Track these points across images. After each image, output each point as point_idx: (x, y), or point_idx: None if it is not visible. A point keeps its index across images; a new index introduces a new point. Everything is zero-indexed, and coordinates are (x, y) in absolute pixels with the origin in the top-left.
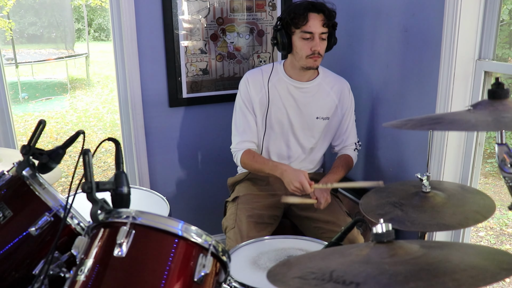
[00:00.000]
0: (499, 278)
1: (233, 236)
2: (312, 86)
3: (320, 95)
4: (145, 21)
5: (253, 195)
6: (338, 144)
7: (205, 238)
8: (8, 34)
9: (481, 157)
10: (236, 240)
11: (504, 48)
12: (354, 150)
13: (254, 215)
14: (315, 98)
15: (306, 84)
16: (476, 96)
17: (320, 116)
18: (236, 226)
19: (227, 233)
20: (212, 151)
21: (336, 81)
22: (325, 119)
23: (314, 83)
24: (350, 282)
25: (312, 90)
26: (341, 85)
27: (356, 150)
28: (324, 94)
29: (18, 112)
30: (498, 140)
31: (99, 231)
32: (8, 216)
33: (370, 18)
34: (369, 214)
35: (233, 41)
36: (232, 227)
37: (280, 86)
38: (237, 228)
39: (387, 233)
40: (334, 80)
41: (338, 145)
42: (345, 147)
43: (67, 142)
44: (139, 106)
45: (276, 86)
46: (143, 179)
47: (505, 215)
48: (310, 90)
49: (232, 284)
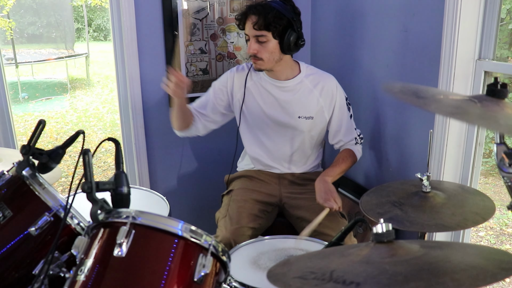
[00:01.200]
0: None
1: (223, 224)
2: (292, 85)
3: (301, 94)
4: (145, 21)
5: (247, 190)
6: (337, 142)
7: (205, 238)
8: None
9: (481, 157)
10: (226, 227)
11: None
12: (355, 144)
13: (246, 206)
14: (296, 97)
15: (285, 82)
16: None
17: (302, 115)
18: (228, 215)
19: (218, 222)
20: (212, 151)
21: (320, 79)
22: (308, 118)
23: (294, 82)
24: (350, 282)
25: (293, 89)
26: (325, 82)
27: (358, 144)
28: (306, 92)
29: (18, 112)
30: (496, 140)
31: (99, 231)
32: (8, 216)
33: (370, 18)
34: (369, 213)
35: (233, 41)
36: (224, 216)
37: (260, 85)
38: (228, 217)
39: (387, 233)
40: (318, 78)
41: (338, 143)
42: (345, 144)
43: (67, 142)
44: (139, 106)
45: (257, 85)
46: (143, 179)
47: (505, 215)
48: (291, 88)
49: (232, 284)
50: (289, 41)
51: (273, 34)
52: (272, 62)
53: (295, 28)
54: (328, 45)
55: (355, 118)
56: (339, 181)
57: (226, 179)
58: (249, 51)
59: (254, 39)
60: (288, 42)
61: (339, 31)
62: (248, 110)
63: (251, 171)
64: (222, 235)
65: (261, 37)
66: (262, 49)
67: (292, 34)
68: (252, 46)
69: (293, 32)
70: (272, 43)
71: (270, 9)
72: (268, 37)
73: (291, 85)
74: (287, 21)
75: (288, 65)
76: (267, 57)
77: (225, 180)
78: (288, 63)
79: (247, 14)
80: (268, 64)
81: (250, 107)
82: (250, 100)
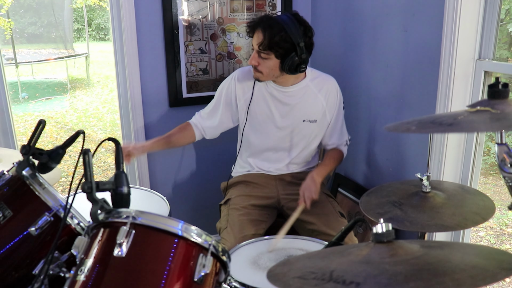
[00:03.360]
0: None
1: (227, 235)
2: (297, 90)
3: (307, 98)
4: (145, 21)
5: (245, 196)
6: (332, 143)
7: (205, 238)
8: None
9: (481, 156)
10: (230, 239)
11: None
12: (345, 145)
13: (246, 213)
14: (301, 101)
15: (290, 88)
16: (476, 96)
17: (307, 119)
18: (229, 225)
19: (221, 234)
20: (212, 151)
21: (324, 83)
22: (312, 122)
23: (299, 86)
24: (350, 282)
25: (298, 94)
26: (329, 86)
27: (346, 145)
28: (311, 97)
29: (18, 112)
30: (497, 140)
31: (99, 231)
32: (8, 216)
33: (370, 18)
34: (368, 213)
35: (233, 41)
36: (225, 227)
37: (266, 88)
38: (229, 228)
39: (387, 233)
40: (322, 82)
41: (332, 144)
42: (337, 146)
43: (67, 142)
44: (139, 106)
45: (263, 88)
46: (143, 179)
47: (505, 215)
48: (296, 93)
49: (232, 284)
50: (288, 65)
51: (275, 54)
52: (271, 77)
53: (298, 53)
54: (328, 45)
55: (355, 118)
56: (339, 181)
57: (222, 186)
58: (250, 62)
59: (257, 53)
60: (287, 65)
61: (339, 31)
62: (254, 111)
63: (247, 175)
64: (228, 247)
65: (264, 53)
66: (262, 64)
67: (293, 59)
68: (254, 58)
69: (295, 57)
70: (273, 61)
71: (278, 31)
72: (271, 56)
73: (296, 90)
74: (291, 45)
75: (291, 76)
76: (267, 72)
77: (222, 188)
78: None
79: (256, 28)
80: (267, 78)
81: (257, 108)
82: (257, 101)
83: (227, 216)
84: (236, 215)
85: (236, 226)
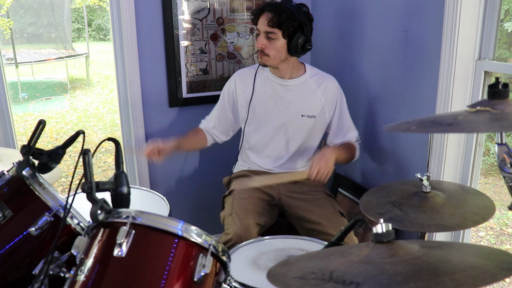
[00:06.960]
0: (499, 278)
1: (231, 221)
2: (296, 84)
3: (305, 93)
4: (145, 21)
5: (249, 188)
6: (340, 142)
7: (205, 238)
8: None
9: (481, 157)
10: (235, 224)
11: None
12: (355, 141)
13: (250, 202)
14: (299, 96)
15: (289, 81)
16: (476, 96)
17: (305, 114)
18: (234, 212)
19: (225, 221)
20: (212, 151)
21: (323, 80)
22: (311, 117)
23: (299, 81)
24: (350, 282)
25: (297, 88)
26: (328, 84)
27: (358, 141)
28: (309, 92)
29: (18, 112)
30: (498, 140)
31: (99, 231)
32: (8, 216)
33: (370, 18)
34: (368, 213)
35: (233, 41)
36: (230, 214)
37: (265, 84)
38: (234, 214)
39: (387, 233)
40: (321, 79)
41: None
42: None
43: (67, 142)
44: (139, 106)
45: (262, 84)
46: (143, 179)
47: (505, 215)
48: (294, 87)
49: (232, 284)
50: (296, 43)
51: (283, 33)
52: (277, 60)
53: (304, 32)
54: (328, 45)
55: (354, 118)
56: (339, 181)
57: (225, 181)
58: (257, 45)
59: (264, 34)
60: (295, 44)
61: (339, 31)
62: (254, 107)
63: (249, 171)
64: (233, 232)
65: (272, 33)
66: (270, 46)
67: (300, 37)
68: (261, 41)
69: (302, 35)
70: (280, 41)
71: (285, 9)
72: (278, 35)
73: (295, 84)
74: (298, 23)
75: (293, 66)
76: (273, 55)
77: (225, 182)
78: (294, 64)
79: (263, 10)
80: (273, 61)
81: (256, 105)
82: (257, 97)
83: (231, 204)
84: (240, 203)
85: (241, 212)
